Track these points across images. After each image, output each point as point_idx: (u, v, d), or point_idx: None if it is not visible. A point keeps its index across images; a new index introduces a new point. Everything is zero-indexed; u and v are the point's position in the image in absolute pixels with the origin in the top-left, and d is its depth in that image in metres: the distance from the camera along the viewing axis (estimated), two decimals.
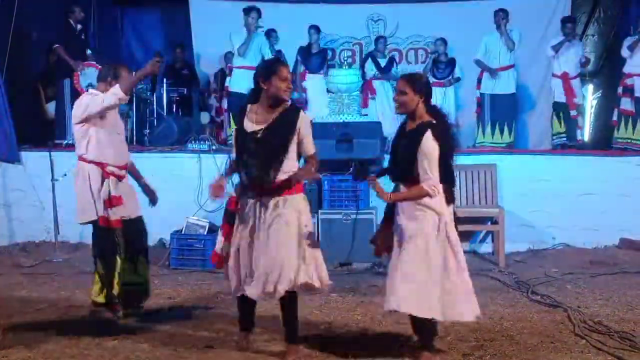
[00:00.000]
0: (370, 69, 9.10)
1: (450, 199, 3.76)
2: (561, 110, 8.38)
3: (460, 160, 3.97)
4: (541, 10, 9.32)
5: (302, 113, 3.84)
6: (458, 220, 3.91)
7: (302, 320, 4.03)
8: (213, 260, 3.97)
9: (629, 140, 7.83)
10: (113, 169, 4.44)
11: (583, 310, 4.77)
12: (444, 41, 9.01)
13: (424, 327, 3.82)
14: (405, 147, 3.73)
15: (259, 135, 3.73)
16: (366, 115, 8.61)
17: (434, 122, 3.72)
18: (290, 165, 3.75)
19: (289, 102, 3.87)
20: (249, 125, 3.77)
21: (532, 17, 9.21)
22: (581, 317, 4.57)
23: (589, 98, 10.49)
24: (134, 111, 8.45)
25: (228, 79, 8.66)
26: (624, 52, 8.01)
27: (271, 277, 3.64)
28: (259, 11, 8.23)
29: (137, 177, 4.81)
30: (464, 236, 4.02)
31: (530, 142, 9.09)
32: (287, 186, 3.73)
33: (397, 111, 3.86)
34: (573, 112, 8.32)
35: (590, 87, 10.48)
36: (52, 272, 6.20)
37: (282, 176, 3.72)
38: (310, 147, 3.82)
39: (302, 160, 3.88)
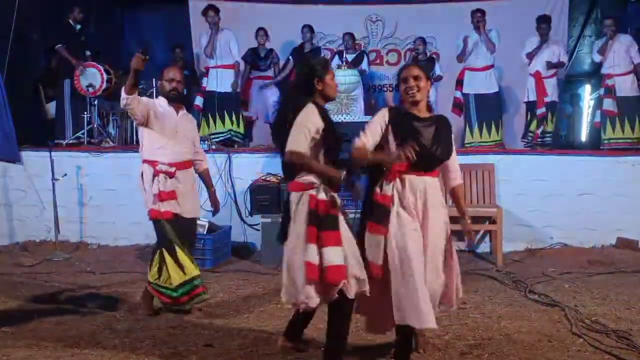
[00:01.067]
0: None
1: None
2: (530, 109, 8.33)
3: (458, 160, 3.97)
4: (540, 10, 9.22)
5: None
6: (455, 219, 3.95)
7: None
8: (342, 278, 3.43)
9: (615, 140, 7.76)
10: (163, 166, 4.60)
11: (580, 309, 4.80)
12: (423, 40, 8.90)
13: None
14: (445, 134, 3.68)
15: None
16: None
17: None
18: None
19: None
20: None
21: (530, 18, 9.16)
22: (578, 316, 4.61)
23: (586, 98, 10.50)
24: None
25: (205, 79, 8.65)
26: (595, 57, 7.99)
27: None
28: (216, 9, 8.27)
29: (207, 184, 5.02)
30: (462, 235, 4.04)
31: (522, 144, 9.02)
32: None
33: (414, 98, 3.62)
34: (540, 111, 8.11)
35: (587, 87, 10.49)
36: (53, 271, 6.23)
37: None
38: None
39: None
